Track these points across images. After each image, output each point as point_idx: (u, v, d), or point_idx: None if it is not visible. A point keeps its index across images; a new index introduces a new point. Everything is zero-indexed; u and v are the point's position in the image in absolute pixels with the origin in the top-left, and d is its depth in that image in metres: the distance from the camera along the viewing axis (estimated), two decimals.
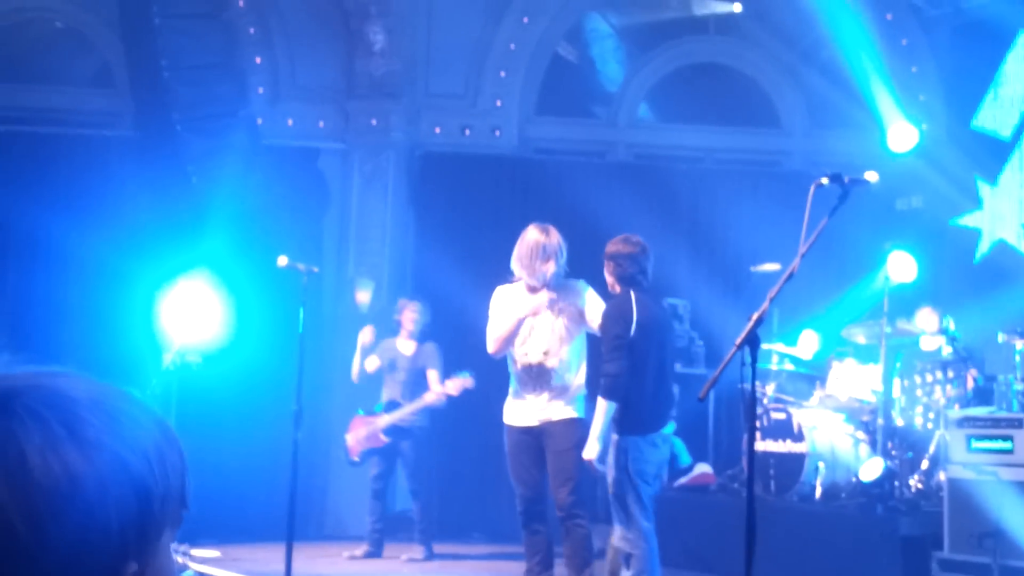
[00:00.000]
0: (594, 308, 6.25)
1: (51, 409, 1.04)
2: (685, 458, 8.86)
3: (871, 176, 4.87)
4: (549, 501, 6.31)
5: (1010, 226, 9.95)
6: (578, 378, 6.32)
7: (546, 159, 11.29)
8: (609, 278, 6.17)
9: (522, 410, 6.26)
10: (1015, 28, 9.79)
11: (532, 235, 6.26)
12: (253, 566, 6.55)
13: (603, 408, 5.86)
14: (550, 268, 6.22)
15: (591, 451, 5.89)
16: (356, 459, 8.90)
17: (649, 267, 6.19)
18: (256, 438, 9.85)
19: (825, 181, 5.00)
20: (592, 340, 6.34)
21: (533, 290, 6.26)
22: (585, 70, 11.90)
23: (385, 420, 8.71)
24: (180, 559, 6.66)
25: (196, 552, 7.64)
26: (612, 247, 6.17)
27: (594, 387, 6.18)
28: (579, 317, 6.27)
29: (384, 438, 8.71)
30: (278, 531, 6.10)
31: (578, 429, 6.19)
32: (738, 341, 4.27)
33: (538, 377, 6.21)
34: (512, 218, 10.99)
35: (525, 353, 6.23)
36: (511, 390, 6.36)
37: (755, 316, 4.25)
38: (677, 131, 11.68)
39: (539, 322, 6.23)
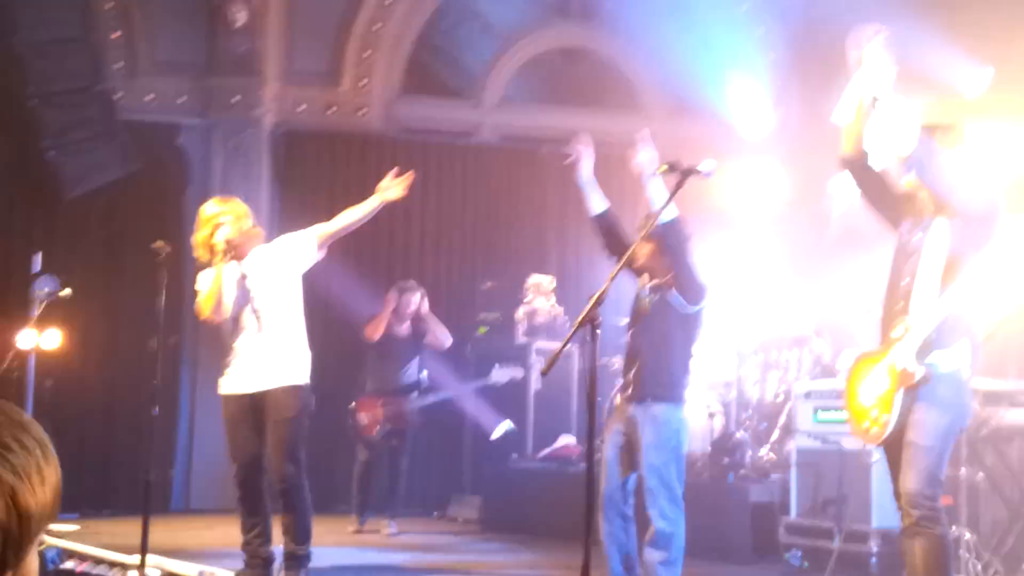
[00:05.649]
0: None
1: None
2: None
3: (707, 165, 4.96)
4: (267, 473, 6.10)
5: (857, 203, 10.38)
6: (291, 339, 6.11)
7: (412, 139, 11.34)
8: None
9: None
10: (866, 19, 10.15)
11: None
12: (112, 539, 6.46)
13: None
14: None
15: None
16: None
17: None
18: (117, 413, 9.73)
19: (663, 169, 5.14)
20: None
21: None
22: (451, 51, 11.97)
23: None
24: None
25: (53, 526, 7.51)
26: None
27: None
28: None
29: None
30: (140, 505, 6.04)
31: (297, 396, 6.04)
32: (578, 320, 4.34)
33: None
34: None
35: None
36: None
37: (595, 296, 4.31)
38: (542, 113, 11.86)
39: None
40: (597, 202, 5.83)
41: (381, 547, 8.23)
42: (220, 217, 6.09)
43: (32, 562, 1.20)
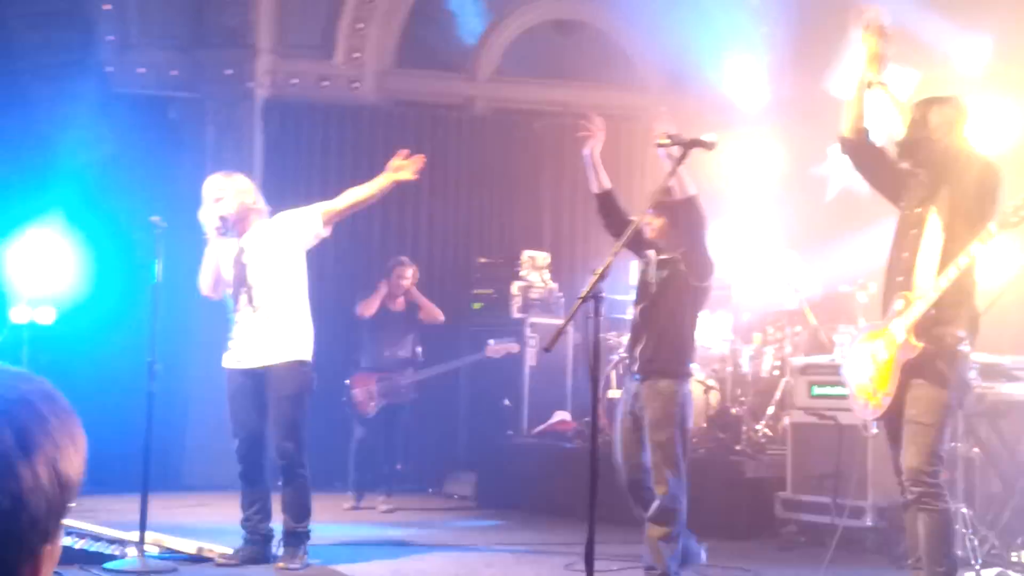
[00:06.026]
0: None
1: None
2: None
3: (710, 137, 4.95)
4: (268, 450, 6.16)
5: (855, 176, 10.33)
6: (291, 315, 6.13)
7: (405, 111, 11.28)
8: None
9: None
10: None
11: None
12: (109, 517, 6.47)
13: None
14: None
15: None
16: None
17: None
18: (113, 390, 9.68)
19: (666, 141, 5.11)
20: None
21: None
22: (444, 24, 11.88)
23: None
24: None
25: None
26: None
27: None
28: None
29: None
30: (135, 482, 6.03)
31: (298, 373, 6.06)
32: (582, 295, 4.33)
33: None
34: (370, 170, 10.95)
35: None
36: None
37: (599, 271, 4.30)
38: (536, 86, 11.79)
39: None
40: (602, 180, 5.80)
41: (377, 523, 8.23)
42: (219, 192, 6.06)
43: (61, 534, 1.22)
